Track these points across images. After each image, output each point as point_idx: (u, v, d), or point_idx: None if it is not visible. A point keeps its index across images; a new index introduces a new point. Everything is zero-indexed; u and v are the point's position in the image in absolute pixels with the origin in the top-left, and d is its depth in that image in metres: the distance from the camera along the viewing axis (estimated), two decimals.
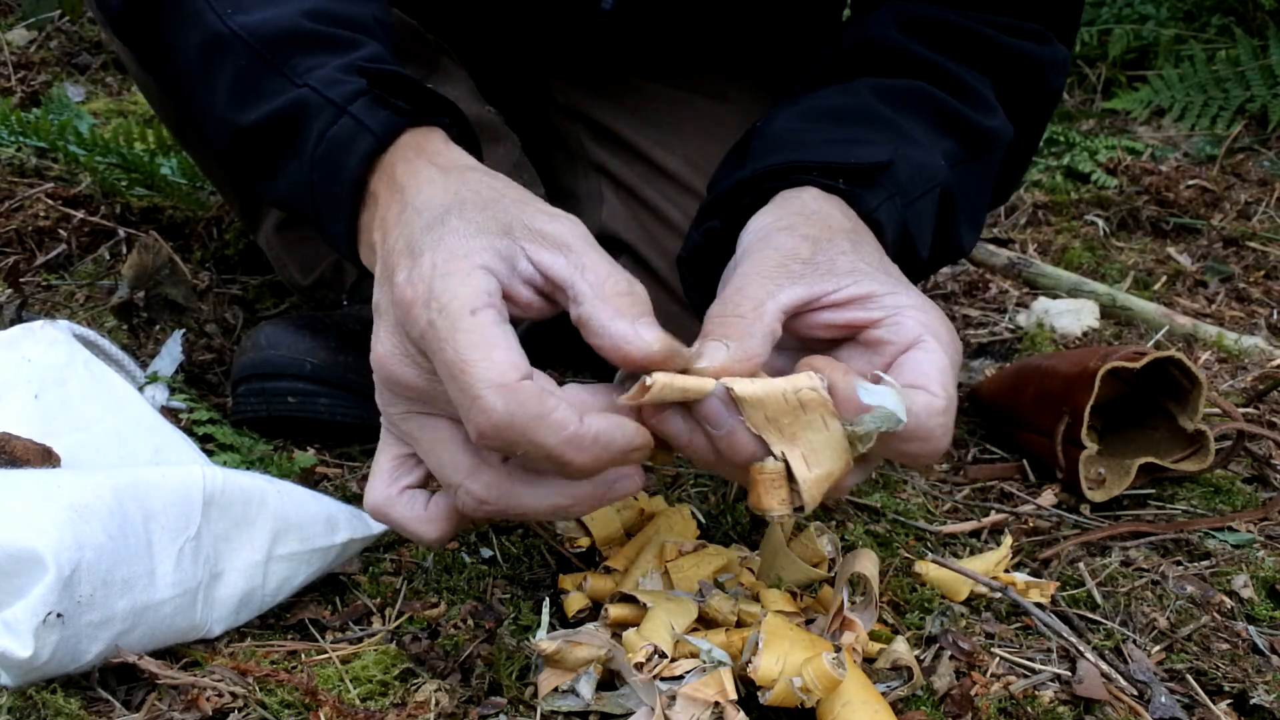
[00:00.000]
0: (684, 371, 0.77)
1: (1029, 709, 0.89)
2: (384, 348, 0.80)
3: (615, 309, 0.76)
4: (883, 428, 0.77)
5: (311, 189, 0.92)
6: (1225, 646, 1.01)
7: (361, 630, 0.93)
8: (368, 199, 0.89)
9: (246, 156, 0.97)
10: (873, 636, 0.92)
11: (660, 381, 0.75)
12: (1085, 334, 1.80)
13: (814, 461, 0.77)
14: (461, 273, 0.75)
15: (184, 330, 1.39)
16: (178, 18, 1.00)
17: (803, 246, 0.85)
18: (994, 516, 1.21)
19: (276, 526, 0.90)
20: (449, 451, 0.79)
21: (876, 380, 0.78)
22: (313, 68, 0.92)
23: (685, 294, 1.02)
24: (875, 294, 0.83)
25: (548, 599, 0.94)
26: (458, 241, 0.77)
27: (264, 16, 0.95)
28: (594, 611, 0.94)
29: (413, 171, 0.86)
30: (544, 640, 0.83)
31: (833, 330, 0.84)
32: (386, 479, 0.84)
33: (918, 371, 0.80)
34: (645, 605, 0.87)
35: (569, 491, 0.78)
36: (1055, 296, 1.93)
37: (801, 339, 0.86)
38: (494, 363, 0.72)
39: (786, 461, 0.77)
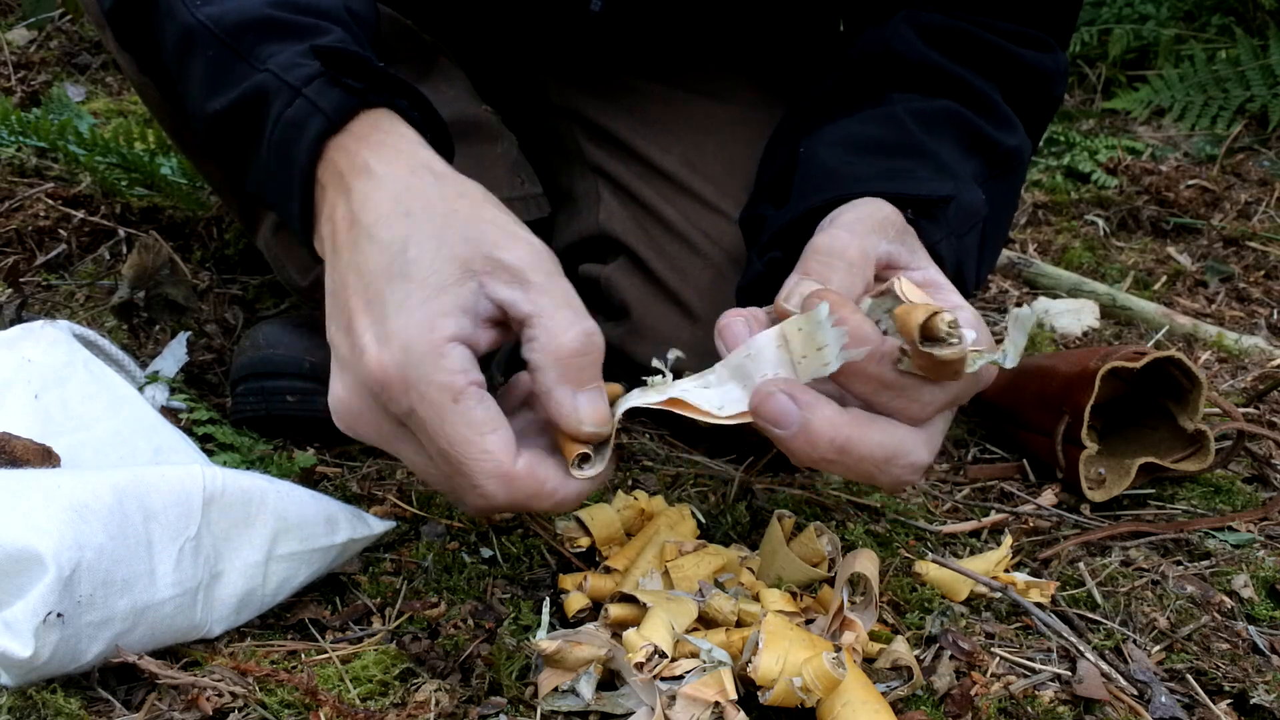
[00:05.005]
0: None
1: (1029, 709, 0.89)
2: (346, 407, 0.81)
3: (562, 372, 0.77)
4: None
5: (271, 174, 0.92)
6: (1225, 646, 1.01)
7: (361, 630, 0.93)
8: (317, 187, 0.89)
9: (220, 146, 0.98)
10: (873, 636, 0.92)
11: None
12: (1085, 334, 1.80)
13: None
14: (435, 355, 0.75)
15: (188, 332, 1.39)
16: (157, 14, 1.01)
17: (896, 219, 0.89)
18: (994, 516, 1.21)
19: (276, 526, 0.90)
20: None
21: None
22: (275, 53, 0.92)
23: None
24: (943, 286, 0.88)
25: (548, 599, 0.94)
26: (423, 308, 0.76)
27: (231, 6, 0.96)
28: (594, 611, 0.94)
29: (354, 166, 0.86)
30: (544, 640, 0.83)
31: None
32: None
33: None
34: (645, 605, 0.87)
35: None
36: (1055, 296, 1.93)
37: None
38: (489, 453, 0.75)
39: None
